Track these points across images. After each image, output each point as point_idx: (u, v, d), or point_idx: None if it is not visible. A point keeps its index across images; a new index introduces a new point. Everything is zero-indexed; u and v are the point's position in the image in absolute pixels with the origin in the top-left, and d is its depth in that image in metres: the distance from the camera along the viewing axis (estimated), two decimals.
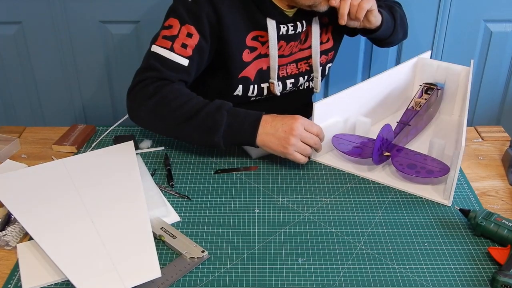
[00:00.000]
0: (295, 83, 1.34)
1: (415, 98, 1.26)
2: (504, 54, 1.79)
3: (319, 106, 1.12)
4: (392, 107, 1.35)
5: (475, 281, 0.87)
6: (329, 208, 1.04)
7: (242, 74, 1.26)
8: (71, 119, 1.88)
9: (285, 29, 1.24)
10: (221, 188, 1.10)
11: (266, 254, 0.92)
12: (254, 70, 1.26)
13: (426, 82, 1.31)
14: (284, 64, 1.30)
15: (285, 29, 1.24)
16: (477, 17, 1.73)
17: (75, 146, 1.22)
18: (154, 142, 1.26)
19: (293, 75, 1.33)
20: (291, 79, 1.33)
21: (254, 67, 1.26)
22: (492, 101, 1.89)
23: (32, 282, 0.86)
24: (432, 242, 0.95)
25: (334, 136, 1.17)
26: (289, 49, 1.28)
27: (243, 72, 1.26)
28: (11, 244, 0.94)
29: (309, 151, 1.12)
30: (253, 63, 1.26)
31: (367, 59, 1.81)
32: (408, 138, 1.20)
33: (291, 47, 1.28)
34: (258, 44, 1.25)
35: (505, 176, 1.15)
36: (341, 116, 1.19)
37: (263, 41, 1.25)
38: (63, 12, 1.68)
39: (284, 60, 1.30)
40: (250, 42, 1.23)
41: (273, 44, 1.23)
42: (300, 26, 1.26)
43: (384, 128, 1.07)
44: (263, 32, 1.23)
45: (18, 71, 1.79)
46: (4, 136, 1.25)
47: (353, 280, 0.87)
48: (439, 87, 1.30)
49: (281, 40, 1.25)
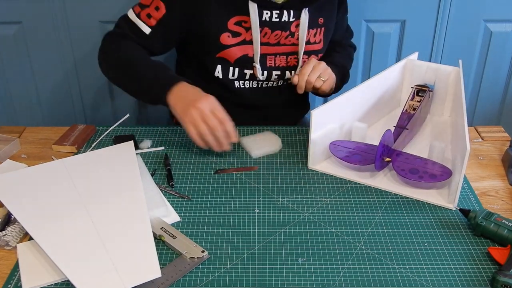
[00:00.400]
0: (281, 76, 1.35)
1: (408, 101, 1.26)
2: (504, 54, 1.79)
3: (317, 114, 1.11)
4: (384, 110, 1.35)
5: (475, 281, 0.87)
6: (329, 208, 1.04)
7: (220, 54, 1.28)
8: (71, 119, 1.88)
9: (268, 15, 1.24)
10: (221, 188, 1.10)
11: (266, 254, 0.92)
12: (236, 55, 1.28)
13: (418, 84, 1.31)
14: (272, 54, 1.31)
15: (268, 15, 1.24)
16: (477, 17, 1.73)
17: (75, 146, 1.22)
18: (154, 142, 1.26)
19: (280, 67, 1.33)
20: (278, 71, 1.33)
21: (237, 52, 1.27)
22: (492, 101, 1.90)
23: (32, 282, 0.86)
24: (432, 242, 0.95)
25: (331, 143, 1.17)
26: (275, 38, 1.28)
27: (222, 53, 1.27)
28: (11, 244, 0.94)
29: (204, 131, 1.09)
30: (236, 48, 1.27)
31: (367, 59, 1.81)
32: (405, 141, 1.20)
33: (278, 36, 1.28)
34: (242, 30, 1.26)
35: (505, 176, 1.15)
36: (337, 122, 1.19)
37: (247, 26, 1.25)
38: (63, 12, 1.68)
39: (271, 49, 1.30)
40: (233, 26, 1.25)
41: (255, 27, 1.24)
42: (286, 15, 1.26)
43: (385, 134, 1.07)
44: (246, 17, 1.24)
45: (18, 71, 1.79)
46: (4, 136, 1.25)
47: (353, 280, 0.87)
48: (430, 89, 1.30)
49: (264, 26, 1.26)
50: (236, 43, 1.27)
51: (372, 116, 1.31)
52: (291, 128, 1.32)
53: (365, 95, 1.24)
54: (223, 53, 1.28)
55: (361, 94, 1.23)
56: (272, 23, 1.26)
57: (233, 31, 1.25)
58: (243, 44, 1.27)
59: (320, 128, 1.14)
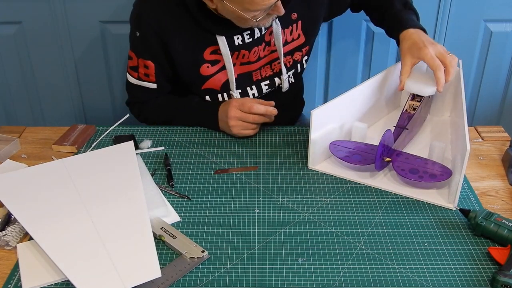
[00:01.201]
0: (271, 85, 1.35)
1: (408, 101, 1.26)
2: (504, 54, 1.79)
3: (317, 114, 1.11)
4: (384, 110, 1.35)
5: (475, 281, 0.87)
6: (329, 208, 1.04)
7: (205, 86, 1.31)
8: (71, 119, 1.88)
9: (239, 39, 1.26)
10: (221, 188, 1.10)
11: (266, 254, 0.92)
12: (220, 82, 1.30)
13: None
14: (257, 69, 1.32)
15: (239, 39, 1.26)
16: (477, 17, 1.73)
17: (75, 146, 1.22)
18: (154, 142, 1.26)
19: (267, 77, 1.34)
20: (266, 81, 1.34)
21: (220, 78, 1.30)
22: (492, 101, 1.89)
23: (32, 282, 0.86)
24: (432, 242, 0.95)
25: (331, 143, 1.17)
26: (254, 55, 1.30)
27: (206, 85, 1.31)
28: (11, 244, 0.94)
29: (252, 126, 1.24)
30: (219, 74, 1.29)
31: (367, 59, 1.81)
32: (405, 141, 1.20)
33: (257, 52, 1.29)
34: (220, 57, 1.27)
35: (505, 176, 1.15)
36: (337, 122, 1.19)
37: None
38: (63, 12, 1.68)
39: (254, 66, 1.31)
40: (209, 56, 1.27)
41: (227, 59, 1.26)
42: (258, 32, 1.27)
43: (385, 134, 1.07)
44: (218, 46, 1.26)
45: (18, 71, 1.79)
46: (4, 136, 1.25)
47: (353, 280, 0.87)
48: None
49: (241, 49, 1.27)
50: (217, 71, 1.29)
51: (372, 116, 1.31)
52: (291, 128, 1.32)
53: (365, 95, 1.24)
54: (207, 84, 1.30)
55: (361, 94, 1.23)
56: (247, 44, 1.27)
57: (211, 60, 1.27)
58: (224, 69, 1.29)
59: (320, 128, 1.14)
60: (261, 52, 1.30)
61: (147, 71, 1.29)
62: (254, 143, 1.25)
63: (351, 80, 1.83)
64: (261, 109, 1.22)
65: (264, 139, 1.27)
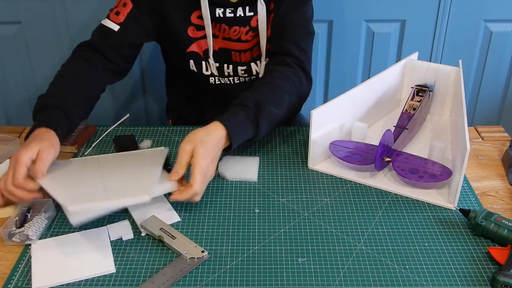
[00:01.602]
0: (247, 70, 1.35)
1: (408, 101, 1.26)
2: (504, 54, 1.79)
3: (317, 114, 1.11)
4: (384, 110, 1.35)
5: (475, 281, 0.87)
6: (329, 208, 1.04)
7: (190, 49, 1.30)
8: None
9: (221, 11, 1.25)
10: (221, 188, 1.10)
11: (266, 254, 0.92)
12: (202, 48, 1.31)
13: (418, 84, 1.31)
14: (237, 51, 1.31)
15: (221, 10, 1.25)
16: (477, 17, 1.73)
17: (75, 146, 1.22)
18: (154, 142, 1.26)
19: (245, 62, 1.34)
20: (243, 66, 1.34)
21: (203, 45, 1.30)
22: (492, 101, 1.90)
23: (42, 282, 0.86)
24: (432, 242, 0.95)
25: (331, 143, 1.17)
26: (235, 34, 1.29)
27: (191, 47, 1.30)
28: (32, 237, 0.94)
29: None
30: (202, 40, 1.30)
31: (367, 59, 1.81)
32: (405, 141, 1.20)
33: (238, 32, 1.28)
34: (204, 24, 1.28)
35: (505, 176, 1.15)
36: (337, 122, 1.19)
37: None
38: (63, 12, 1.68)
39: (234, 45, 1.30)
40: (196, 20, 1.27)
41: (207, 22, 1.26)
42: (241, 11, 1.26)
43: (385, 134, 1.07)
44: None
45: (18, 71, 1.79)
46: (4, 136, 1.25)
47: (353, 280, 0.87)
48: (430, 88, 1.30)
49: (221, 22, 1.27)
50: (201, 36, 1.29)
51: (372, 116, 1.31)
52: (291, 128, 1.32)
53: (365, 95, 1.24)
54: (192, 47, 1.30)
55: (361, 94, 1.23)
56: (227, 18, 1.27)
57: (196, 24, 1.28)
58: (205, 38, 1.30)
59: (320, 128, 1.14)
60: (243, 34, 1.29)
61: (121, 9, 1.24)
62: (254, 143, 1.25)
63: (351, 80, 1.83)
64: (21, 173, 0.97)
65: (264, 139, 1.27)
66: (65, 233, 0.97)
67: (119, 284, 0.87)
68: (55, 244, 0.94)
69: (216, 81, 1.37)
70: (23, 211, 0.99)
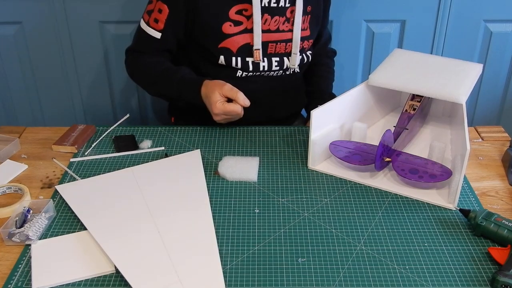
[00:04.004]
0: (280, 62, 1.35)
1: (408, 101, 1.26)
2: (504, 54, 1.79)
3: (317, 114, 1.11)
4: (384, 110, 1.35)
5: (475, 281, 0.87)
6: (329, 208, 1.04)
7: (222, 45, 1.30)
8: (71, 119, 1.88)
9: (267, 0, 1.27)
10: (221, 188, 1.10)
11: (266, 254, 0.92)
12: (238, 44, 1.30)
13: None
14: (273, 41, 1.33)
15: (267, 0, 1.27)
16: (477, 17, 1.73)
17: (75, 146, 1.22)
18: (154, 142, 1.26)
19: (279, 53, 1.35)
20: (277, 57, 1.35)
21: (239, 41, 1.30)
22: (492, 101, 1.90)
23: (42, 282, 0.86)
24: (432, 242, 0.95)
25: (331, 144, 1.17)
26: (275, 24, 1.31)
27: (224, 43, 1.30)
28: (32, 237, 0.94)
29: (227, 121, 1.23)
30: (238, 36, 1.30)
31: (367, 59, 1.81)
32: (405, 142, 1.20)
33: (277, 22, 1.31)
34: (243, 19, 1.28)
35: (505, 176, 1.15)
36: (337, 122, 1.19)
37: (247, 15, 1.28)
38: (63, 12, 1.68)
39: (271, 36, 1.32)
40: (234, 15, 1.28)
41: (257, 10, 1.27)
42: (283, 1, 1.29)
43: (385, 134, 1.07)
44: (246, 5, 1.27)
45: (18, 71, 1.79)
46: (4, 136, 1.25)
47: (353, 280, 0.87)
48: None
49: (264, 12, 1.28)
50: (237, 32, 1.29)
51: (372, 116, 1.31)
52: (291, 128, 1.32)
53: (365, 95, 1.24)
54: (225, 43, 1.30)
55: (361, 94, 1.23)
56: (271, 8, 1.29)
57: (234, 20, 1.28)
58: (245, 32, 1.29)
59: (320, 128, 1.14)
60: (281, 24, 1.32)
61: (159, 16, 1.29)
62: (254, 143, 1.25)
63: (351, 80, 1.83)
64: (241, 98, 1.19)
65: (264, 139, 1.27)
66: (65, 233, 0.97)
67: (119, 284, 0.87)
68: (55, 244, 0.94)
69: (243, 74, 1.36)
70: (23, 211, 0.99)
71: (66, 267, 0.89)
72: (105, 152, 1.22)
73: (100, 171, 1.15)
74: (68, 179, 1.13)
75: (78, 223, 0.99)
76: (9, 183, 1.11)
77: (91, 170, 1.15)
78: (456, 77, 1.18)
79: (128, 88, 1.85)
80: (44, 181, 1.13)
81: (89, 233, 0.96)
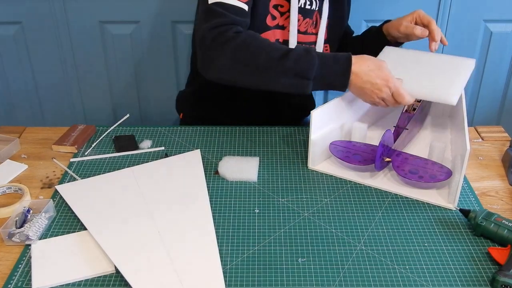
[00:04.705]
0: None
1: None
2: (504, 54, 1.79)
3: (317, 114, 1.11)
4: (384, 110, 1.35)
5: (475, 281, 0.87)
6: (329, 208, 1.04)
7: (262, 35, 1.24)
8: (71, 119, 1.88)
9: (303, 1, 1.27)
10: (221, 188, 1.10)
11: (266, 254, 0.92)
12: (272, 39, 1.27)
13: None
14: (299, 43, 1.31)
15: (303, 1, 1.27)
16: (477, 17, 1.73)
17: (75, 146, 1.22)
18: (154, 142, 1.26)
19: None
20: None
21: (274, 35, 1.27)
22: (492, 101, 1.89)
23: (42, 282, 0.86)
24: (432, 242, 0.95)
25: (331, 144, 1.17)
26: (305, 26, 1.30)
27: (263, 35, 1.24)
28: (32, 237, 0.94)
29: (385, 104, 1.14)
30: (273, 31, 1.27)
31: None
32: (405, 142, 1.20)
33: (307, 24, 1.30)
34: (278, 14, 1.26)
35: (505, 176, 1.15)
36: (337, 122, 1.19)
37: (282, 11, 1.26)
38: (63, 12, 1.68)
39: (300, 37, 1.31)
40: (272, 9, 1.25)
41: (294, 11, 1.25)
42: (314, 4, 1.29)
43: (385, 134, 1.07)
44: (283, 1, 1.25)
45: (18, 71, 1.79)
46: (4, 136, 1.25)
47: (353, 280, 0.87)
48: None
49: (299, 13, 1.27)
50: (273, 26, 1.27)
51: (372, 116, 1.31)
52: (291, 128, 1.32)
53: None
54: (264, 35, 1.25)
55: None
56: (305, 10, 1.28)
57: (272, 14, 1.26)
58: (277, 28, 1.27)
59: (320, 128, 1.14)
60: (309, 27, 1.31)
61: None
62: (254, 143, 1.25)
63: None
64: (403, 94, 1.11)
65: (264, 139, 1.27)
66: (65, 233, 0.97)
67: (119, 284, 0.87)
68: (55, 244, 0.94)
69: None
70: (23, 211, 0.99)
71: (66, 267, 0.89)
72: (105, 152, 1.22)
73: (100, 171, 1.15)
74: (68, 179, 1.13)
75: (78, 223, 0.99)
76: (9, 183, 1.11)
77: (91, 170, 1.15)
78: (447, 77, 1.17)
79: (128, 88, 1.85)
80: (44, 181, 1.13)
81: (89, 233, 0.96)
